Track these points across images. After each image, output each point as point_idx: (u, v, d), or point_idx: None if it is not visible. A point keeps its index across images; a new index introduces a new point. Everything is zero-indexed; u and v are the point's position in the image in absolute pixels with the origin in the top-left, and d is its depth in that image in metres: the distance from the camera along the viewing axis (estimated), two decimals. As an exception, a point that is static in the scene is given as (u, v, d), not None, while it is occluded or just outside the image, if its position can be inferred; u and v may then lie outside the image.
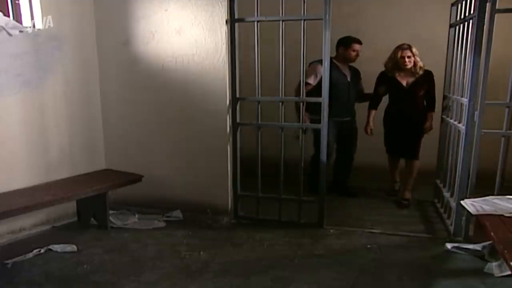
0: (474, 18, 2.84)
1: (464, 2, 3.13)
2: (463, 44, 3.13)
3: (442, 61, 3.70)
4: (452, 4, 3.53)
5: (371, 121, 3.92)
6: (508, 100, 2.88)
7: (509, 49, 3.93)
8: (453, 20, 3.53)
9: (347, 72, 3.88)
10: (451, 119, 3.40)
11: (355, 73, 3.94)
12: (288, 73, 3.20)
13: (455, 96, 3.29)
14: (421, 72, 3.66)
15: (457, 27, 3.34)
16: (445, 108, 3.64)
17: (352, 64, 3.92)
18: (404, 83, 3.71)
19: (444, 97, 3.68)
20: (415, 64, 3.63)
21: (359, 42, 3.79)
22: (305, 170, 3.41)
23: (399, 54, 3.62)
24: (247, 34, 3.34)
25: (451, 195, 3.25)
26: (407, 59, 3.60)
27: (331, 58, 3.64)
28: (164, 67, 3.41)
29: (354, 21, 4.43)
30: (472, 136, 2.92)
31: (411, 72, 3.67)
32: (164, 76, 3.42)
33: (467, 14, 3.05)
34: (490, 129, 2.92)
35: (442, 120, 3.69)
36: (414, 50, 3.63)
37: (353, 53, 3.78)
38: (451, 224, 3.14)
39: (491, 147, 3.10)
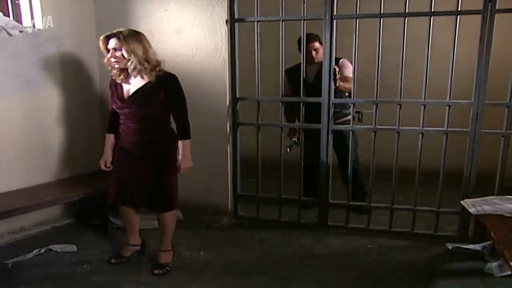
0: (474, 18, 2.83)
1: (464, 2, 3.12)
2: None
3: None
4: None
5: None
6: (508, 100, 2.88)
7: (509, 49, 3.93)
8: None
9: (311, 74, 3.38)
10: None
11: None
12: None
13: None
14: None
15: (457, 27, 3.34)
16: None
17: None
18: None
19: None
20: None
21: (316, 39, 3.32)
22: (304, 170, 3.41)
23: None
24: (247, 34, 3.35)
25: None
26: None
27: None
28: (164, 67, 3.40)
29: (353, 21, 4.41)
30: (472, 136, 2.92)
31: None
32: (164, 76, 3.42)
33: (467, 14, 3.04)
34: (490, 129, 2.92)
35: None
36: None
37: (310, 53, 3.31)
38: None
39: (491, 147, 3.10)
